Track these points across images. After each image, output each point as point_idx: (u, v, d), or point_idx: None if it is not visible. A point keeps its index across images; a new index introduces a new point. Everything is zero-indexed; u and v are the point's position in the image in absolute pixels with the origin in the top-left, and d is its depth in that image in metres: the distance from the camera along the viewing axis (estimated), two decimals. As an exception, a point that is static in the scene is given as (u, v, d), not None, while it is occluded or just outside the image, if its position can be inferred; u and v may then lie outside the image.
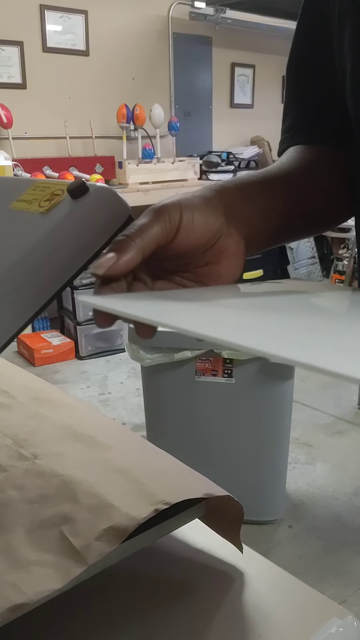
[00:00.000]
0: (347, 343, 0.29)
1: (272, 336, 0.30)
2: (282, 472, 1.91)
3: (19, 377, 0.76)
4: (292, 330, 0.32)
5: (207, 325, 0.32)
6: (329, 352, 0.26)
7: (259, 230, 0.49)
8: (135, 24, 4.19)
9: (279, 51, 5.08)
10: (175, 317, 0.34)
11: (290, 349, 0.25)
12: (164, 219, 0.41)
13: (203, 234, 0.43)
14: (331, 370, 0.23)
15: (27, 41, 3.69)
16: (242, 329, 0.31)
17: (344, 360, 0.24)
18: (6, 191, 0.50)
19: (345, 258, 4.41)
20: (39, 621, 0.42)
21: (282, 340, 0.29)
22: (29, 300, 0.40)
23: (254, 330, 0.31)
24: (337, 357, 0.25)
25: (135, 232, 0.39)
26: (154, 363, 1.71)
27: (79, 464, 0.53)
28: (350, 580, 1.67)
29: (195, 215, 0.43)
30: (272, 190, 0.51)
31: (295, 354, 0.25)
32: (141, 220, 0.41)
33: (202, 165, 4.44)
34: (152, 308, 0.37)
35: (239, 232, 0.46)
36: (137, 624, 0.45)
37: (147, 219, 0.41)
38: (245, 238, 0.47)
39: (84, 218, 0.42)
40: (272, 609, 0.46)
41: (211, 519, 0.52)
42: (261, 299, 0.45)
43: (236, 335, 0.28)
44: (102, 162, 4.00)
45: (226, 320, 0.34)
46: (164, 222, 0.41)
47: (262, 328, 0.32)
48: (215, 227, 0.44)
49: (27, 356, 3.33)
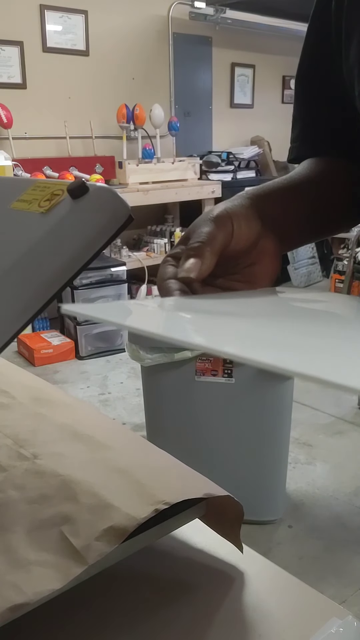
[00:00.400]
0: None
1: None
2: (282, 472, 1.91)
3: (19, 377, 0.76)
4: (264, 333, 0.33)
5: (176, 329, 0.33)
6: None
7: (289, 231, 0.54)
8: (135, 24, 4.19)
9: (279, 51, 5.08)
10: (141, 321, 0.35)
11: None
12: (224, 227, 0.46)
13: (249, 238, 0.48)
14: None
15: (27, 41, 3.69)
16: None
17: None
18: (6, 191, 0.50)
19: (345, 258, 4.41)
20: (39, 621, 0.42)
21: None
22: (29, 300, 0.40)
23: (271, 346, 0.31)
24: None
25: (207, 240, 0.44)
26: (154, 363, 1.71)
27: (79, 464, 0.53)
28: (350, 580, 1.67)
29: (242, 222, 0.48)
30: (295, 196, 0.57)
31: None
32: (205, 228, 0.45)
33: (202, 165, 4.44)
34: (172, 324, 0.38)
35: (274, 233, 0.51)
36: (137, 624, 0.45)
37: (211, 227, 0.45)
38: (279, 237, 0.52)
39: (84, 218, 0.42)
40: (272, 609, 0.46)
41: (211, 519, 0.52)
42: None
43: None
44: (102, 162, 4.00)
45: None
46: (224, 230, 0.46)
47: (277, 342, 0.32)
48: (256, 231, 0.49)
49: (27, 356, 3.33)
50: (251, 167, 4.82)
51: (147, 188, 3.94)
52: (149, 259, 4.04)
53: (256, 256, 0.50)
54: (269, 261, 0.51)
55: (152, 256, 4.09)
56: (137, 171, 4.01)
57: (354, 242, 4.25)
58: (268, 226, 0.51)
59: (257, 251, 0.50)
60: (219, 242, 0.45)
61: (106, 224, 0.40)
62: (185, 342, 0.28)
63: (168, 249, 4.19)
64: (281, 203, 0.54)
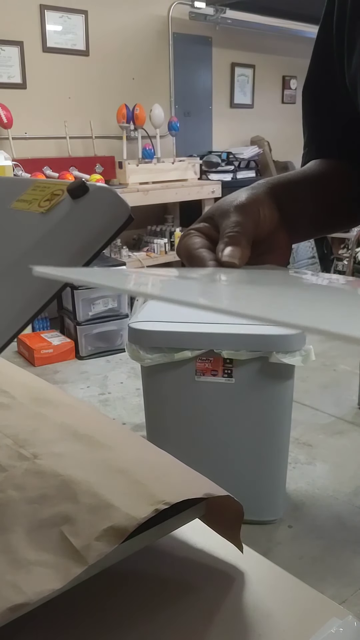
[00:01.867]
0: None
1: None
2: (282, 472, 1.91)
3: (19, 377, 0.76)
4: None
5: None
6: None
7: (300, 223, 0.54)
8: (135, 24, 4.19)
9: (279, 51, 5.08)
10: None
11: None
12: (253, 215, 0.46)
13: (270, 227, 0.49)
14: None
15: (27, 41, 3.69)
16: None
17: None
18: (6, 191, 0.50)
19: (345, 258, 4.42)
20: (39, 621, 0.42)
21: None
22: (29, 300, 0.40)
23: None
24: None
25: (241, 229, 0.44)
26: (154, 363, 1.71)
27: (79, 464, 0.53)
28: (350, 580, 1.67)
29: (266, 211, 0.48)
30: (310, 189, 0.57)
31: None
32: (238, 216, 0.45)
33: (202, 165, 4.44)
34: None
35: (287, 224, 0.51)
36: (137, 624, 0.45)
37: (241, 216, 0.45)
38: (289, 229, 0.52)
39: (84, 218, 0.42)
40: (272, 609, 0.46)
41: (211, 519, 0.52)
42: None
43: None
44: (102, 162, 4.00)
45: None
46: (254, 219, 0.46)
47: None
48: (275, 221, 0.50)
49: (27, 356, 3.33)
50: (251, 167, 4.82)
51: (147, 188, 3.94)
52: (149, 259, 4.04)
53: (269, 246, 0.50)
54: (279, 253, 0.51)
55: (152, 256, 4.09)
56: (137, 171, 4.01)
57: (354, 242, 4.25)
58: (282, 217, 0.51)
59: (270, 241, 0.50)
60: (250, 229, 0.45)
61: (106, 224, 0.40)
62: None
63: (168, 249, 4.19)
64: (296, 195, 0.55)
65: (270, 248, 0.50)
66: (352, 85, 0.55)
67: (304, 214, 0.55)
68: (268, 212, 0.48)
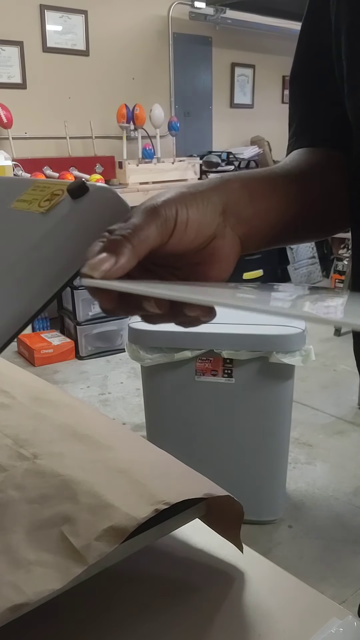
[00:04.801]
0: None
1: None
2: (282, 472, 1.91)
3: (19, 377, 0.76)
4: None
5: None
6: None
7: (258, 229, 0.47)
8: (135, 24, 4.19)
9: (279, 51, 5.08)
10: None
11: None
12: (160, 220, 0.38)
13: (197, 235, 0.41)
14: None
15: (27, 41, 3.69)
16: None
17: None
18: (6, 191, 0.50)
19: (345, 258, 4.42)
20: (39, 621, 0.42)
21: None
22: (29, 300, 0.40)
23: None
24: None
25: (131, 233, 0.37)
26: (154, 363, 1.71)
27: (79, 464, 0.53)
28: (350, 580, 1.67)
29: (191, 215, 0.40)
30: (276, 189, 0.50)
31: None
32: (136, 219, 0.38)
33: (202, 165, 4.44)
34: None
35: (235, 232, 0.44)
36: (137, 624, 0.45)
37: (143, 218, 0.38)
38: (241, 237, 0.45)
39: (84, 218, 0.42)
40: (272, 609, 0.46)
41: (211, 519, 0.52)
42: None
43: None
44: (102, 162, 4.00)
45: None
46: (159, 224, 0.38)
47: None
48: (211, 229, 0.42)
49: (27, 356, 3.33)
50: (251, 167, 4.82)
51: (147, 188, 3.94)
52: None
53: (203, 257, 0.42)
54: (218, 266, 0.43)
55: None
56: (137, 171, 4.01)
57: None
58: (231, 222, 0.44)
59: (207, 251, 0.42)
60: (148, 237, 0.37)
61: (106, 224, 0.40)
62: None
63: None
64: (256, 196, 0.47)
65: (205, 259, 0.42)
66: (340, 74, 0.52)
67: (263, 219, 0.47)
68: (195, 218, 0.40)
